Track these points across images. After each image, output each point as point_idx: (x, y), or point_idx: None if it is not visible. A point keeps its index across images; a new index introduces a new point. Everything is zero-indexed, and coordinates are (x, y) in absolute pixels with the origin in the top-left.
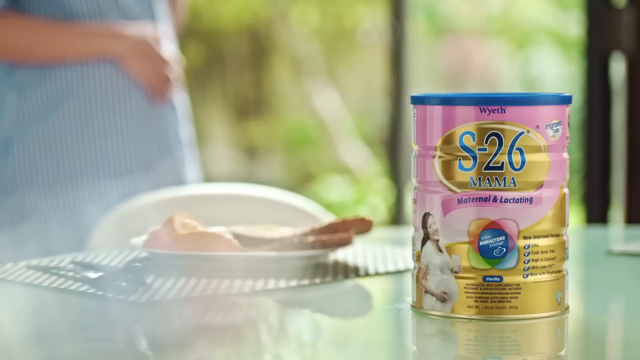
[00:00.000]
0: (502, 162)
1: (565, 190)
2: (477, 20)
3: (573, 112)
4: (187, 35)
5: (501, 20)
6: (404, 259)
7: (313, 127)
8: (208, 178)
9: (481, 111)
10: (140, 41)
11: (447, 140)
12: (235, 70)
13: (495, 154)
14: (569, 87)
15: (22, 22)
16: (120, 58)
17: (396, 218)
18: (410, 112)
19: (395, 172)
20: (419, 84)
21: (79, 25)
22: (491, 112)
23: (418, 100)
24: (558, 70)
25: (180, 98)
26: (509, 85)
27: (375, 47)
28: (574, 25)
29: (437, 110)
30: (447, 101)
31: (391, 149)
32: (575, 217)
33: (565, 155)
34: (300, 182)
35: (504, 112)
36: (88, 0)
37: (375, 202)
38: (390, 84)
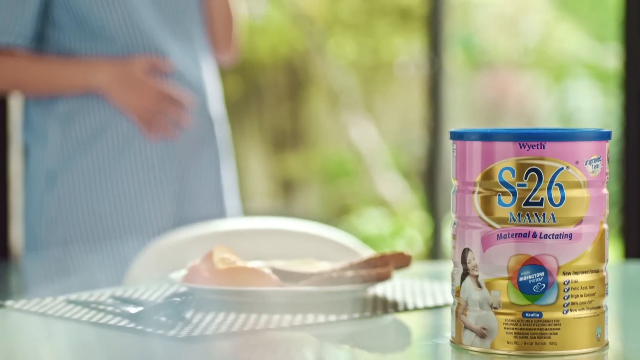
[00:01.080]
0: (542, 198)
1: (605, 225)
2: (514, 52)
3: (610, 144)
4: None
5: (538, 52)
6: (443, 294)
7: (350, 159)
8: (245, 210)
9: (521, 147)
10: (123, 72)
11: (487, 175)
12: (272, 102)
13: (535, 190)
14: (606, 120)
15: (11, 59)
16: (103, 89)
17: (433, 251)
18: (448, 144)
19: (432, 204)
20: (456, 116)
21: (62, 59)
22: (531, 148)
23: (457, 136)
24: (595, 103)
25: (219, 130)
26: (546, 118)
27: (412, 79)
28: (612, 58)
29: (476, 146)
30: (486, 137)
31: (428, 181)
32: (613, 250)
33: (605, 191)
34: (337, 215)
35: (544, 148)
36: (120, 23)
37: (412, 235)
38: (427, 116)
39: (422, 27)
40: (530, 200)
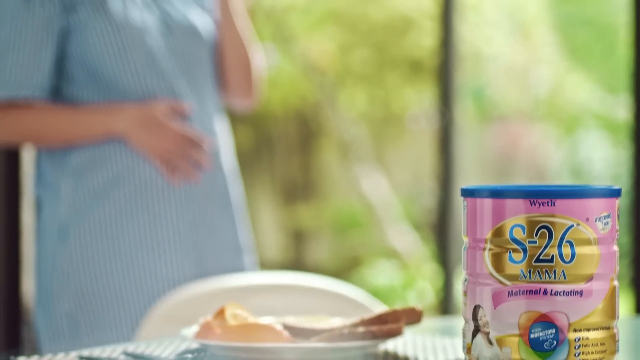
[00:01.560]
0: (552, 255)
1: (616, 282)
2: (524, 104)
3: (621, 197)
4: (235, 119)
5: (549, 103)
6: (454, 350)
7: (361, 210)
8: (257, 262)
9: (531, 204)
10: (144, 115)
11: (497, 232)
12: (283, 154)
13: (546, 247)
14: (617, 170)
15: (29, 111)
16: (124, 134)
17: (444, 302)
18: (459, 196)
19: (443, 256)
20: (466, 168)
21: (80, 107)
22: (541, 205)
23: (468, 193)
24: (606, 154)
25: (233, 183)
26: (556, 170)
27: (423, 131)
28: (622, 109)
29: (487, 203)
30: (497, 194)
31: (439, 233)
32: (623, 303)
33: (615, 247)
34: (348, 266)
35: (554, 205)
36: (134, 77)
37: (423, 287)
38: (438, 168)
39: (433, 78)
40: (540, 257)
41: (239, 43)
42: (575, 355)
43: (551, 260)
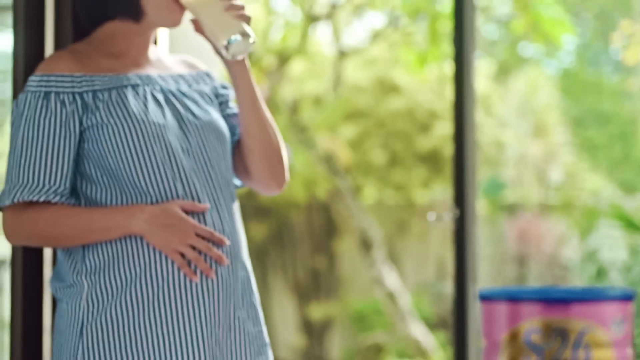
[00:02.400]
0: (567, 359)
1: None
2: (540, 198)
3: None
4: (248, 213)
5: (565, 198)
6: None
7: (377, 307)
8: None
9: (546, 308)
10: (162, 212)
11: (513, 336)
12: (297, 247)
13: (561, 350)
14: (633, 260)
15: (46, 211)
16: (141, 233)
17: None
18: (476, 293)
19: (459, 354)
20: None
21: (97, 208)
22: (556, 309)
23: (485, 297)
24: (621, 251)
25: (250, 279)
26: (572, 264)
27: (439, 225)
28: (638, 207)
29: (503, 307)
30: (513, 298)
31: (456, 330)
32: None
33: (630, 350)
34: None
35: (569, 309)
36: (152, 175)
37: None
38: (454, 262)
39: (449, 171)
40: None
41: (267, 130)
42: None
43: None
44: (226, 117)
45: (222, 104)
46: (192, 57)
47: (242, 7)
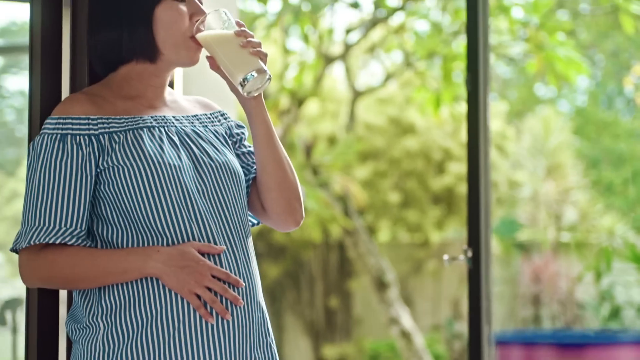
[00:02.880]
0: None
1: None
2: (554, 238)
3: None
4: (263, 252)
5: (578, 238)
6: None
7: (391, 347)
8: None
9: (561, 352)
10: (178, 254)
11: None
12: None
13: None
14: None
15: (63, 253)
16: (157, 274)
17: None
18: (491, 336)
19: None
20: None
21: (113, 250)
22: (571, 353)
23: (500, 341)
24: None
25: (265, 319)
26: (587, 302)
27: (453, 264)
28: None
29: (518, 351)
30: (528, 341)
31: None
32: None
33: None
34: None
35: (584, 353)
36: (168, 217)
37: None
38: (469, 303)
39: (463, 211)
40: None
41: (284, 166)
42: None
43: None
44: (240, 155)
45: (237, 142)
46: (206, 97)
47: (258, 44)
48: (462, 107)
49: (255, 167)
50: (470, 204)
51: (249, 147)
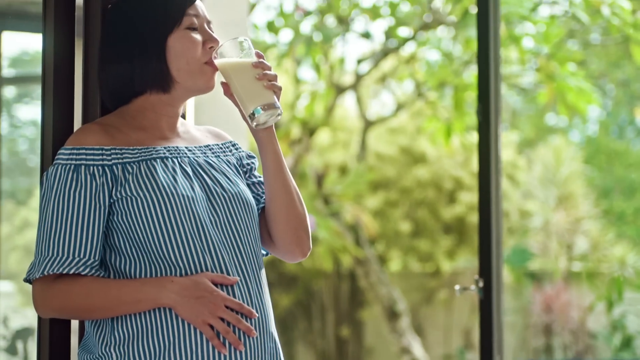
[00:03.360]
0: None
1: None
2: (565, 267)
3: None
4: (275, 281)
5: (590, 267)
6: None
7: None
8: None
9: None
10: (192, 284)
11: None
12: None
13: None
14: None
15: (77, 284)
16: (171, 304)
17: None
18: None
19: None
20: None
21: (127, 280)
22: None
23: None
24: None
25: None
26: (598, 332)
27: (464, 294)
28: None
29: None
30: None
31: None
32: None
33: None
34: None
35: None
36: (181, 247)
37: None
38: (480, 334)
39: (474, 240)
40: None
41: (292, 197)
42: None
43: None
44: (250, 185)
45: (247, 172)
46: (218, 126)
47: (274, 77)
48: (473, 137)
49: (264, 197)
50: (482, 233)
51: (259, 177)
